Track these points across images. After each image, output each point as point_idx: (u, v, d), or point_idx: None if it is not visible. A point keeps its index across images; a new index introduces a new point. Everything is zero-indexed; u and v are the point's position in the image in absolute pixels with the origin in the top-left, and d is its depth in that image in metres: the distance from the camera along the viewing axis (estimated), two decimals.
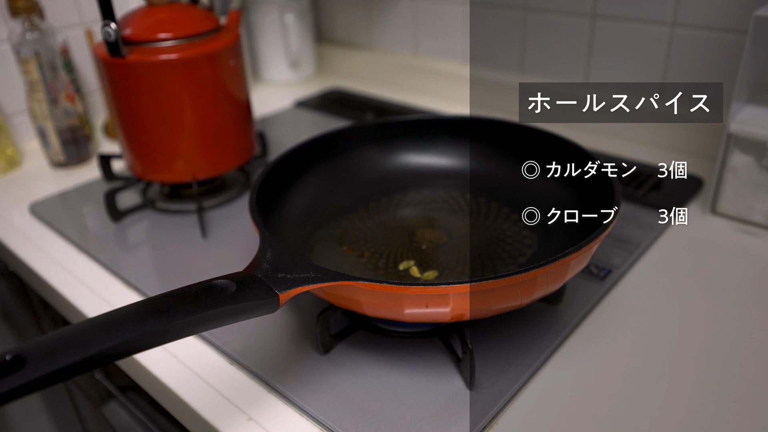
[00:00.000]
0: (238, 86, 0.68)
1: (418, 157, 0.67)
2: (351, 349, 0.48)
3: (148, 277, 0.59)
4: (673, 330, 0.50)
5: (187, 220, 0.68)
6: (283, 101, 1.05)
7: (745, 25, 0.64)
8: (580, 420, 0.42)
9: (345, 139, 0.64)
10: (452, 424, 0.41)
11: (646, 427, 0.41)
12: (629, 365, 0.46)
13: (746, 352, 0.47)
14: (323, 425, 0.42)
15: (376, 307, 0.41)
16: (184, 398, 0.45)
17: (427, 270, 0.52)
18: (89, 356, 0.30)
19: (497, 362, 0.46)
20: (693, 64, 0.75)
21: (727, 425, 0.41)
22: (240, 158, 0.71)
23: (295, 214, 0.58)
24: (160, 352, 0.49)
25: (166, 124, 0.64)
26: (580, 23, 0.83)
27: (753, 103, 0.62)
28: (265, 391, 0.45)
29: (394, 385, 0.44)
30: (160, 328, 0.32)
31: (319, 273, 0.40)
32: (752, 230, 0.62)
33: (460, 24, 0.97)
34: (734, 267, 0.57)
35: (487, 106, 0.94)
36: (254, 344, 0.49)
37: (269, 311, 0.38)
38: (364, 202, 0.63)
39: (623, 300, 0.53)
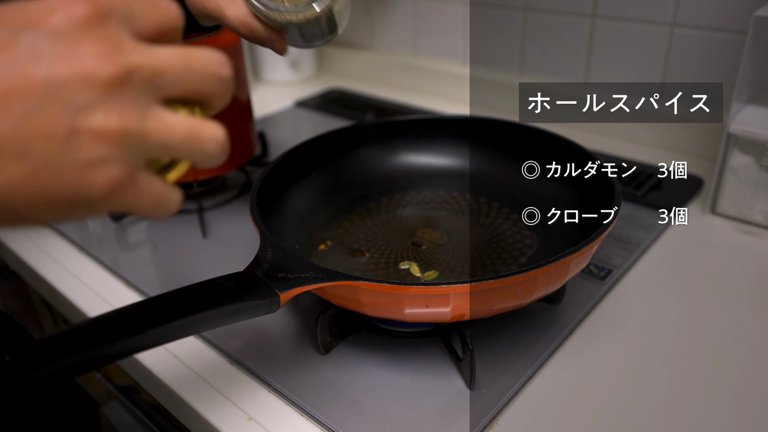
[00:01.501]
0: (239, 86, 0.68)
1: (418, 157, 0.67)
2: (351, 349, 0.48)
3: (148, 276, 0.59)
4: (673, 330, 0.50)
5: (187, 220, 0.68)
6: (283, 101, 1.05)
7: (745, 26, 0.64)
8: (580, 420, 0.42)
9: (345, 139, 0.64)
10: (452, 423, 0.41)
11: (646, 427, 0.41)
12: (629, 365, 0.46)
13: (746, 352, 0.47)
14: (323, 425, 0.42)
15: (377, 307, 0.41)
16: (184, 398, 0.45)
17: (427, 270, 0.52)
18: (90, 356, 0.30)
19: (497, 362, 0.46)
20: (693, 64, 0.75)
21: (727, 425, 0.41)
22: (240, 158, 0.71)
23: (296, 214, 0.58)
24: (161, 352, 0.49)
25: None
26: (580, 23, 0.83)
27: (753, 103, 0.62)
28: (265, 391, 0.45)
29: (394, 385, 0.44)
30: (161, 328, 0.32)
31: (320, 273, 0.40)
32: (752, 230, 0.62)
33: (460, 24, 0.97)
34: (734, 267, 0.57)
35: (487, 106, 0.94)
36: (254, 344, 0.49)
37: (270, 311, 0.38)
38: (364, 202, 0.63)
39: (623, 300, 0.53)
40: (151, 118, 0.24)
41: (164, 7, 0.26)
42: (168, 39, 0.26)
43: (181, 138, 0.25)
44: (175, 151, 0.25)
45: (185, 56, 0.25)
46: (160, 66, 0.24)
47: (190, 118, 0.25)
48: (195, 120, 0.25)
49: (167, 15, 0.26)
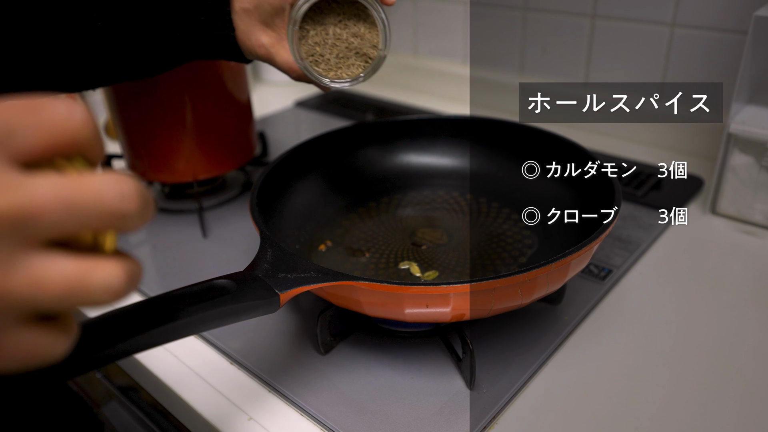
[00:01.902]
0: (239, 86, 0.68)
1: (418, 157, 0.67)
2: (351, 349, 0.48)
3: (148, 276, 0.59)
4: (673, 330, 0.50)
5: (187, 219, 0.68)
6: (283, 101, 1.05)
7: (745, 26, 0.64)
8: (580, 420, 0.42)
9: (345, 139, 0.64)
10: (452, 423, 0.41)
11: (646, 426, 0.41)
12: (629, 365, 0.46)
13: (746, 351, 0.47)
14: (324, 425, 0.42)
15: (377, 307, 0.41)
16: (184, 398, 0.45)
17: (427, 270, 0.52)
18: (90, 356, 0.30)
19: (497, 362, 0.46)
20: (693, 64, 0.75)
21: (727, 425, 0.41)
22: (240, 158, 0.71)
23: (296, 213, 0.58)
24: (161, 352, 0.49)
25: (167, 124, 0.64)
26: (580, 23, 0.83)
27: (753, 103, 0.62)
28: (265, 391, 0.45)
29: (394, 385, 0.44)
30: (161, 328, 0.32)
31: (320, 273, 0.40)
32: (752, 230, 0.62)
33: (460, 24, 0.97)
34: (734, 267, 0.57)
35: (487, 106, 0.94)
36: (255, 344, 0.49)
37: (270, 311, 0.38)
38: (364, 202, 0.63)
39: (623, 300, 0.53)
40: (17, 271, 0.19)
41: (57, 117, 0.20)
42: (67, 153, 0.21)
43: (59, 292, 0.20)
44: (52, 306, 0.20)
45: (71, 190, 0.19)
46: (34, 207, 0.19)
47: (76, 261, 0.20)
48: (81, 264, 0.20)
49: (63, 126, 0.20)
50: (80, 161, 0.21)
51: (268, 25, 0.47)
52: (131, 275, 0.21)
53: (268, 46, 0.47)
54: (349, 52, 0.48)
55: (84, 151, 0.21)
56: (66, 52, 0.47)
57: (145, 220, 0.21)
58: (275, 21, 0.47)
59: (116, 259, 0.21)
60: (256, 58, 0.49)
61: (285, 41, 0.47)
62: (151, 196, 0.22)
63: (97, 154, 0.22)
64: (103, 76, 0.51)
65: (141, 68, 0.50)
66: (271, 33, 0.47)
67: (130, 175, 0.21)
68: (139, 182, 0.21)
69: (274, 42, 0.47)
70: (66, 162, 0.21)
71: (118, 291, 0.21)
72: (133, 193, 0.20)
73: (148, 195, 0.21)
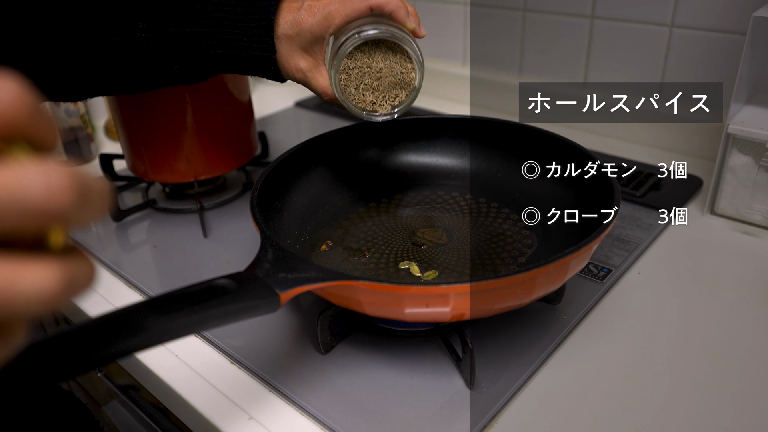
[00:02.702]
0: (239, 87, 0.69)
1: (418, 157, 0.67)
2: (351, 348, 0.48)
3: (149, 276, 0.59)
4: (673, 330, 0.50)
5: (188, 219, 0.68)
6: (283, 102, 1.05)
7: (744, 26, 0.64)
8: (579, 419, 0.42)
9: (345, 139, 0.64)
10: (452, 423, 0.41)
11: (646, 426, 0.41)
12: (629, 365, 0.46)
13: (745, 351, 0.47)
14: (324, 424, 0.42)
15: (377, 307, 0.42)
16: (185, 397, 0.45)
17: (427, 270, 0.52)
18: (91, 355, 0.30)
19: (497, 362, 0.46)
20: (692, 65, 0.75)
21: (727, 425, 0.41)
22: (241, 158, 0.71)
23: (296, 213, 0.58)
24: (162, 352, 0.50)
25: (168, 124, 0.65)
26: (580, 23, 0.83)
27: (752, 103, 0.63)
28: (266, 390, 0.45)
29: (394, 385, 0.45)
30: (161, 328, 0.32)
31: (320, 273, 0.40)
32: (751, 230, 0.62)
33: (460, 24, 0.97)
34: (733, 267, 0.57)
35: (487, 106, 0.95)
36: (255, 344, 0.49)
37: (270, 311, 0.38)
38: (364, 202, 0.63)
39: (623, 300, 0.53)
40: None
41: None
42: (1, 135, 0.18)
43: None
44: None
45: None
46: None
47: (1, 264, 0.17)
48: (6, 267, 0.17)
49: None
50: (23, 147, 0.18)
51: (307, 51, 0.50)
52: (71, 279, 0.18)
53: (306, 71, 0.50)
54: (382, 82, 0.52)
55: (26, 134, 0.18)
56: (109, 59, 0.50)
57: (92, 216, 0.18)
58: (314, 48, 0.50)
59: (55, 260, 0.18)
60: (293, 80, 0.52)
61: (321, 66, 0.50)
62: (102, 187, 0.19)
63: (45, 138, 0.18)
64: (141, 83, 0.53)
65: (179, 77, 0.52)
66: (309, 59, 0.50)
67: (65, 166, 0.18)
68: (80, 173, 0.18)
69: (311, 67, 0.50)
70: (3, 147, 0.18)
71: (50, 297, 0.18)
72: (64, 187, 0.17)
73: (95, 187, 0.18)
